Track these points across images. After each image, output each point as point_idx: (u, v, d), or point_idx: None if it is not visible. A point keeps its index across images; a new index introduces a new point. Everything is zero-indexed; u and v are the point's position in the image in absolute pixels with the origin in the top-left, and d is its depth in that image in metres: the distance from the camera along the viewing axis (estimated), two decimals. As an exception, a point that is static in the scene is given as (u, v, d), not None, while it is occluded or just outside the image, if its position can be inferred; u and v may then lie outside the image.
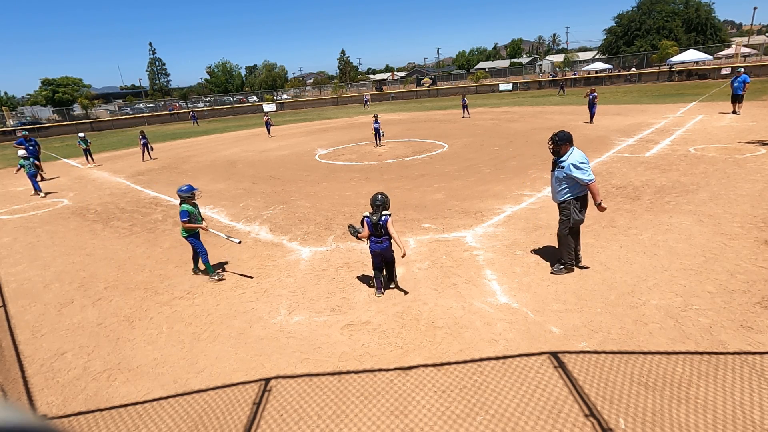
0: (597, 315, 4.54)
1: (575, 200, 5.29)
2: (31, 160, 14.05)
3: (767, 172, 9.20)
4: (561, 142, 5.17)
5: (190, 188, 5.96)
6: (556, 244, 6.44)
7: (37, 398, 4.04)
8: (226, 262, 6.82)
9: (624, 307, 4.63)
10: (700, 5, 57.66)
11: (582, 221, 5.41)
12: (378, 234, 5.07)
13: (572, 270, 5.46)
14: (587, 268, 5.53)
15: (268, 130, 25.38)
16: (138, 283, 6.37)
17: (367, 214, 5.11)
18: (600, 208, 5.14)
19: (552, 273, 5.47)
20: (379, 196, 5.09)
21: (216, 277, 6.16)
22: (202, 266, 6.32)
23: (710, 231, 6.44)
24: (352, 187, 11.11)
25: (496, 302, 4.96)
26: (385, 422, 3.35)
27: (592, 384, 3.54)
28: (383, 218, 5.02)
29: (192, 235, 6.06)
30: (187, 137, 29.79)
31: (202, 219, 6.26)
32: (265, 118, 25.93)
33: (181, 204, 5.94)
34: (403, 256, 5.04)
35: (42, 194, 13.54)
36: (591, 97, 18.67)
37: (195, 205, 6.06)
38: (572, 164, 5.06)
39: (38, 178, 15.97)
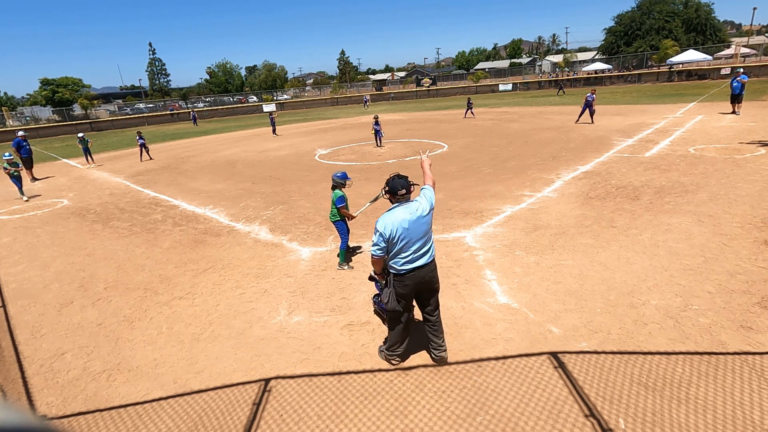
0: (597, 315, 4.54)
1: (394, 276, 3.69)
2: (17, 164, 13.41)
3: (767, 173, 9.20)
4: (389, 192, 3.69)
5: (345, 175, 6.07)
6: (555, 245, 6.45)
7: (37, 398, 4.04)
8: (358, 248, 6.90)
9: (624, 308, 4.63)
10: (699, 5, 57.67)
11: (401, 313, 3.76)
12: None
13: (398, 361, 3.99)
14: (445, 362, 4.01)
15: (274, 130, 25.50)
16: (138, 284, 6.37)
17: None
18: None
19: (380, 353, 4.11)
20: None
21: (346, 267, 6.23)
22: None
23: (710, 231, 6.44)
24: (352, 188, 11.09)
25: (495, 302, 4.96)
26: (385, 422, 3.35)
27: (592, 384, 3.54)
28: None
29: (341, 221, 6.14)
30: (187, 137, 29.79)
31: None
32: (271, 117, 26.05)
33: (334, 189, 6.04)
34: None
35: (25, 198, 13.01)
36: (590, 99, 18.72)
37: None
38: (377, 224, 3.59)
39: (29, 178, 15.92)
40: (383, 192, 3.81)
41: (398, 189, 3.65)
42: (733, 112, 17.50)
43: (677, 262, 5.57)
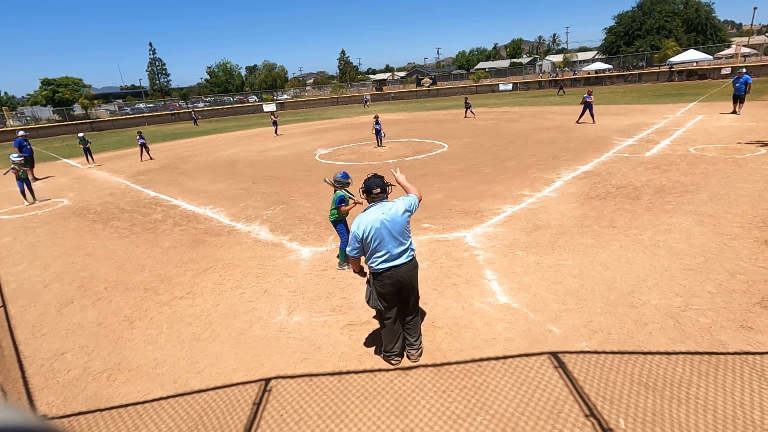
0: (597, 315, 4.54)
1: (373, 276, 3.80)
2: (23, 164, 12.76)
3: (767, 172, 9.20)
4: (365, 192, 3.85)
5: (346, 175, 6.17)
6: (555, 245, 6.45)
7: (37, 398, 4.04)
8: None
9: (624, 307, 4.63)
10: (700, 5, 57.65)
11: (385, 311, 3.86)
12: None
13: (398, 361, 4.02)
14: (416, 365, 4.01)
15: (276, 129, 25.59)
16: (138, 283, 6.37)
17: None
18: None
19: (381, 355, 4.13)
20: None
21: (346, 267, 6.22)
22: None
23: (710, 231, 6.44)
24: (352, 188, 11.10)
25: (496, 302, 4.96)
26: (385, 422, 3.35)
27: (592, 384, 3.54)
28: None
29: (340, 221, 6.16)
30: (187, 137, 29.79)
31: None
32: (273, 117, 26.13)
33: (336, 190, 6.09)
34: None
35: (36, 201, 12.55)
36: (587, 99, 18.67)
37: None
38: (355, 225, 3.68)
39: (30, 178, 15.62)
40: (361, 191, 3.91)
41: (373, 187, 3.75)
42: (734, 112, 17.49)
43: (677, 262, 5.57)
